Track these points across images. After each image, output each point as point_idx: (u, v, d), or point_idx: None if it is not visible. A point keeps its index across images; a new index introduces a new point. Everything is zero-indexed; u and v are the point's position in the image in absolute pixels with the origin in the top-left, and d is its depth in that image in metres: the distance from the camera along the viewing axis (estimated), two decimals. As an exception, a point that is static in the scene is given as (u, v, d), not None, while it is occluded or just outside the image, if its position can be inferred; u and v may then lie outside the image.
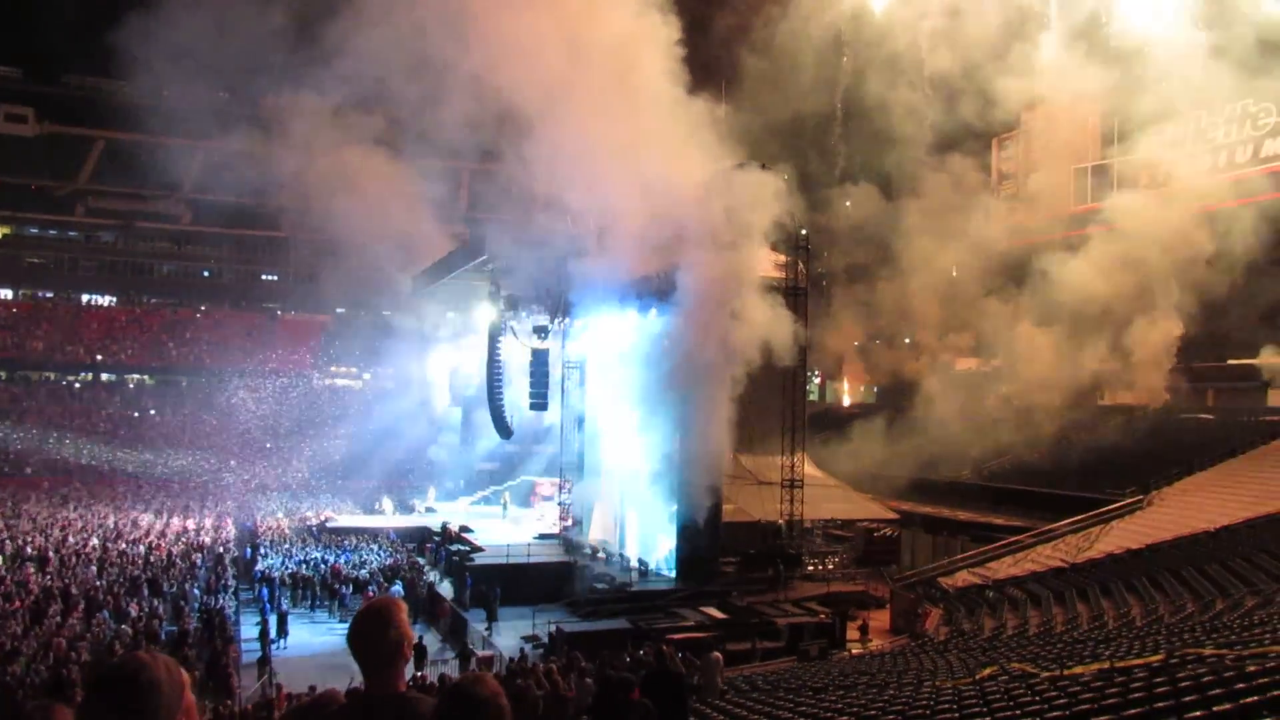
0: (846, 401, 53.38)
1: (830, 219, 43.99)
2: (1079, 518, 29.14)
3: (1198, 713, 7.37)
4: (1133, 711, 8.01)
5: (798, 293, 28.82)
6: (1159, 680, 9.09)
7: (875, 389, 51.18)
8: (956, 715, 9.63)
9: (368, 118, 45.27)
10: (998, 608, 23.38)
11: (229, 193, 60.65)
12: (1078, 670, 11.65)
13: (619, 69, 28.32)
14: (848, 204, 45.13)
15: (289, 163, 45.88)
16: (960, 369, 43.94)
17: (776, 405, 29.14)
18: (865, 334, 46.64)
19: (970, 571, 28.01)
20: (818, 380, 52.73)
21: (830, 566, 30.09)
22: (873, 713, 10.69)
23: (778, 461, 29.11)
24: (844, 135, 48.49)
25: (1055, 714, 8.59)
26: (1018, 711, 9.15)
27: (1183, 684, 8.55)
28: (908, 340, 45.93)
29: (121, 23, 40.63)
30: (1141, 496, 29.64)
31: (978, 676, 12.82)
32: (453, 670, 21.03)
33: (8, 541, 32.01)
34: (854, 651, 22.71)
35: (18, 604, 24.08)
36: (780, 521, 28.83)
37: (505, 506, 42.17)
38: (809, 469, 30.42)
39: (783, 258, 29.28)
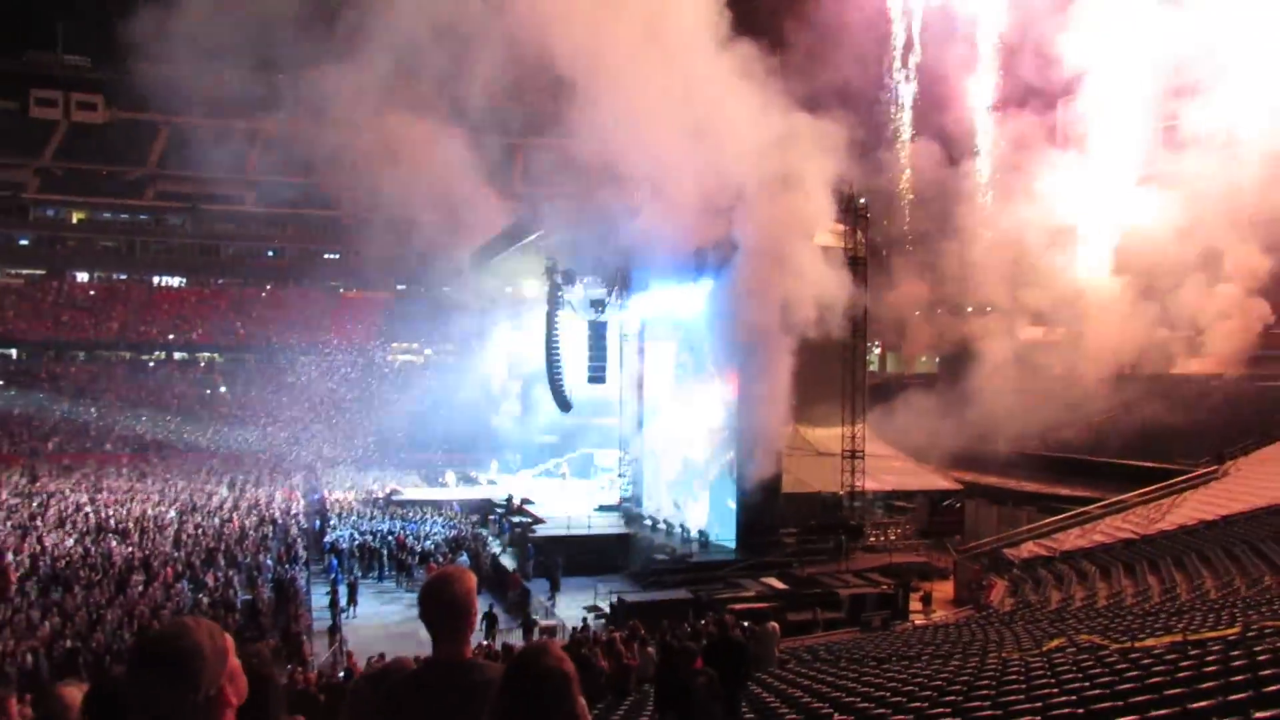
0: (907, 371, 52.67)
1: (889, 184, 43.23)
2: (1150, 488, 28.43)
3: (1275, 687, 7.18)
4: (1207, 685, 7.83)
5: (857, 261, 28.44)
6: (1235, 654, 8.87)
7: (937, 358, 50.38)
8: (1023, 687, 9.51)
9: (423, 95, 45.60)
10: (1065, 579, 22.99)
11: (290, 173, 61.84)
12: (1149, 643, 11.42)
13: (668, 29, 28.03)
14: (907, 172, 44.33)
15: (346, 142, 46.49)
16: (1025, 337, 43.03)
17: (836, 376, 28.85)
18: (926, 302, 45.84)
19: (1036, 543, 27.55)
20: (878, 350, 52.03)
21: (892, 537, 29.86)
22: (937, 684, 10.60)
23: (838, 433, 28.88)
24: (903, 97, 47.58)
25: (1126, 687, 8.43)
26: (1087, 684, 8.99)
27: (1260, 658, 8.34)
28: (970, 309, 45.06)
29: (184, 9, 41.43)
30: (1216, 467, 28.80)
31: (1045, 648, 12.64)
32: (516, 640, 21.38)
33: (91, 514, 33.27)
34: (917, 622, 22.55)
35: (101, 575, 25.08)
36: (841, 493, 28.66)
37: (565, 478, 42.60)
38: (870, 440, 30.14)
39: (841, 226, 28.90)
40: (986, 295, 42.28)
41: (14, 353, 60.06)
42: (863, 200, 29.15)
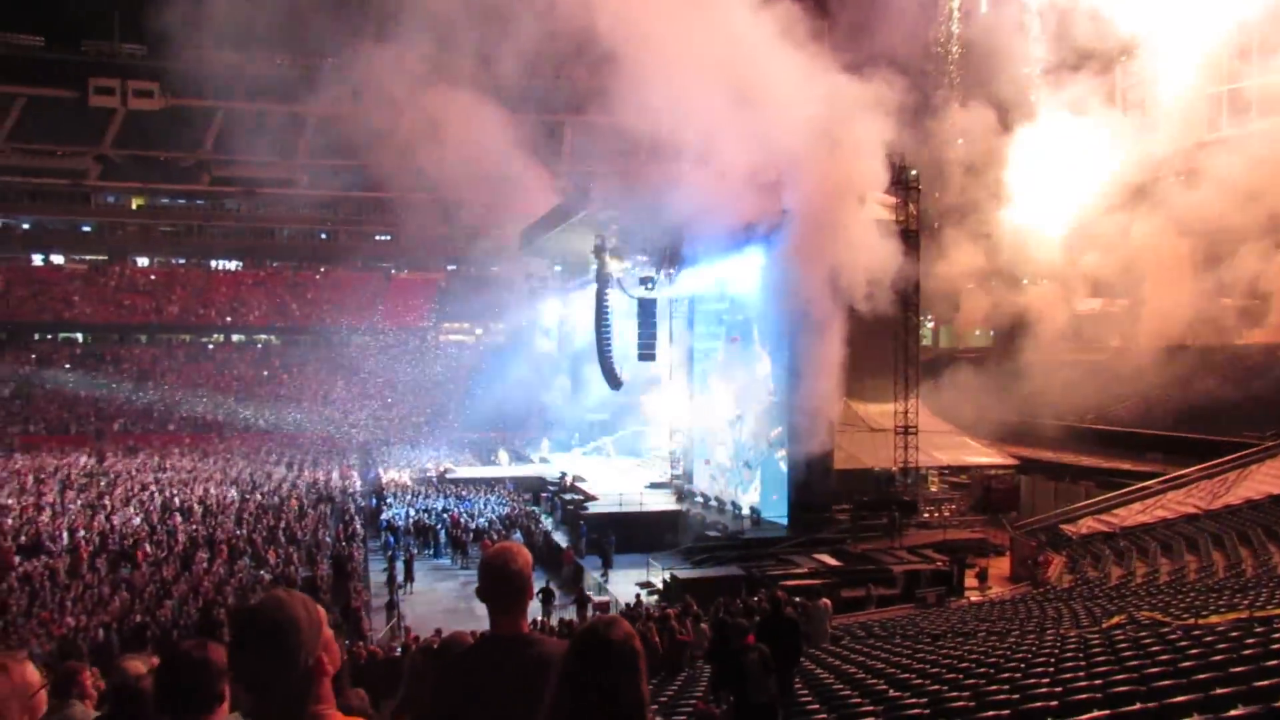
0: (961, 345, 51.88)
1: (941, 152, 42.28)
2: (1214, 462, 27.72)
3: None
4: (1273, 663, 7.66)
5: (909, 234, 28.03)
6: (1303, 630, 8.66)
7: (991, 332, 49.54)
8: (1083, 664, 9.38)
9: (469, 74, 45.83)
10: (1126, 555, 22.59)
11: (341, 156, 62.58)
12: (1213, 620, 11.20)
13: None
14: (959, 141, 43.35)
15: (395, 124, 46.86)
16: (1083, 308, 42.11)
17: (888, 351, 28.53)
18: (980, 274, 45.00)
19: (1095, 518, 27.09)
20: (930, 324, 51.29)
21: (946, 514, 29.55)
22: (993, 660, 10.51)
23: (890, 408, 28.59)
24: (955, 62, 46.56)
25: (1188, 665, 8.28)
26: (1148, 661, 8.85)
27: (1330, 634, 8.13)
28: (1025, 280, 44.17)
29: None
30: (1282, 439, 28.01)
31: (1105, 625, 12.46)
32: (570, 616, 21.60)
33: (157, 494, 34.24)
34: (973, 599, 22.34)
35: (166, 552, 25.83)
36: (894, 469, 28.42)
37: (609, 455, 42.94)
38: (923, 415, 29.79)
39: (892, 199, 28.48)
40: (1042, 266, 41.37)
41: (79, 336, 61.79)
42: (914, 172, 28.67)
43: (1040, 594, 20.37)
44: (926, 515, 29.02)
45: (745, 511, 30.12)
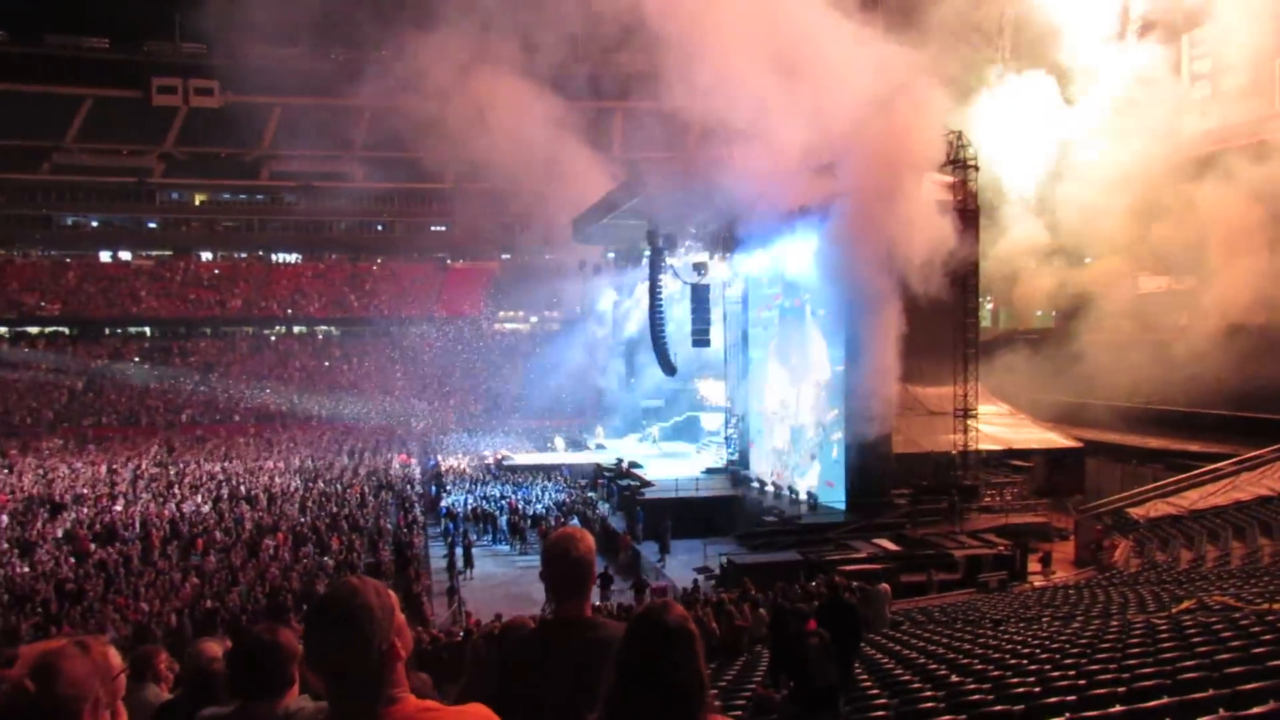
0: (1021, 327, 50.88)
1: (998, 127, 41.22)
2: (1290, 443, 26.91)
3: None
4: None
5: (967, 214, 27.51)
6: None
7: (1053, 313, 48.50)
8: (1150, 649, 9.19)
9: (521, 62, 46.01)
10: (1196, 539, 22.02)
11: (395, 148, 63.28)
12: (1288, 604, 10.87)
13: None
14: (1016, 111, 42.16)
15: (447, 114, 47.23)
16: (1147, 287, 40.98)
17: (947, 334, 28.03)
18: (1041, 253, 43.98)
19: (1164, 501, 26.44)
20: (989, 306, 50.38)
21: (1008, 498, 29.04)
22: (1057, 646, 10.34)
23: (949, 391, 28.18)
24: (1010, 33, 45.46)
25: (1261, 650, 8.07)
26: (1218, 648, 8.63)
27: None
28: (1088, 259, 43.10)
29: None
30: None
31: (1174, 610, 12.17)
32: (628, 601, 21.72)
33: (224, 483, 35.13)
34: (1036, 584, 21.98)
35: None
36: (954, 452, 28.02)
37: (655, 440, 43.18)
38: (983, 397, 29.31)
39: (950, 179, 27.98)
40: (1106, 243, 40.28)
41: (148, 331, 63.51)
42: (972, 148, 28.11)
43: (1106, 579, 19.97)
44: (988, 499, 28.55)
45: (802, 496, 29.98)
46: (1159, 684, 7.22)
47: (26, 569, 23.52)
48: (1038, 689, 7.62)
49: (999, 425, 31.39)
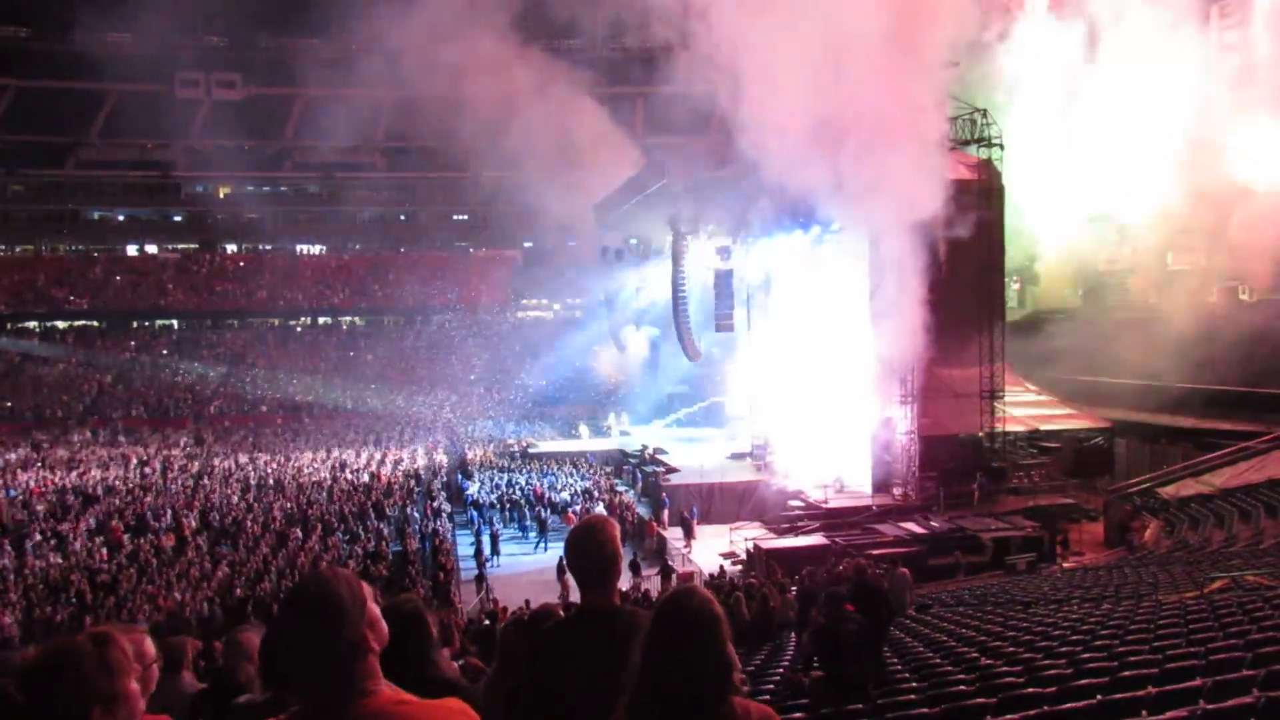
0: (1048, 306, 50.34)
1: (1014, 83, 40.18)
2: (1323, 420, 26.50)
3: None
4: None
5: (991, 192, 27.19)
6: None
7: (1080, 291, 47.92)
8: (1182, 630, 9.09)
9: (542, 46, 45.92)
10: (1227, 518, 21.77)
11: (416, 138, 63.36)
12: (1324, 583, 10.73)
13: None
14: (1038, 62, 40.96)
15: (468, 102, 47.23)
16: (1177, 264, 40.36)
17: (973, 314, 27.74)
18: (1067, 232, 43.33)
19: (1194, 480, 26.12)
20: (1016, 286, 49.86)
21: (1036, 479, 28.81)
22: (1088, 627, 10.25)
23: (976, 373, 27.93)
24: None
25: (1298, 629, 7.97)
26: (1252, 627, 8.53)
27: None
28: (1114, 236, 42.45)
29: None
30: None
31: (1206, 590, 12.04)
32: (654, 587, 21.76)
33: (253, 473, 35.48)
34: (1065, 565, 21.82)
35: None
36: (981, 434, 27.81)
37: (679, 425, 43.21)
38: (1010, 379, 29.04)
39: (973, 158, 27.64)
40: (1133, 217, 39.56)
41: (175, 323, 64.13)
42: (996, 125, 27.72)
43: (1136, 559, 19.79)
44: (1016, 481, 28.33)
45: (828, 480, 29.86)
46: (1192, 664, 7.14)
47: (60, 560, 23.88)
48: (1070, 670, 7.56)
49: (1026, 406, 31.10)
